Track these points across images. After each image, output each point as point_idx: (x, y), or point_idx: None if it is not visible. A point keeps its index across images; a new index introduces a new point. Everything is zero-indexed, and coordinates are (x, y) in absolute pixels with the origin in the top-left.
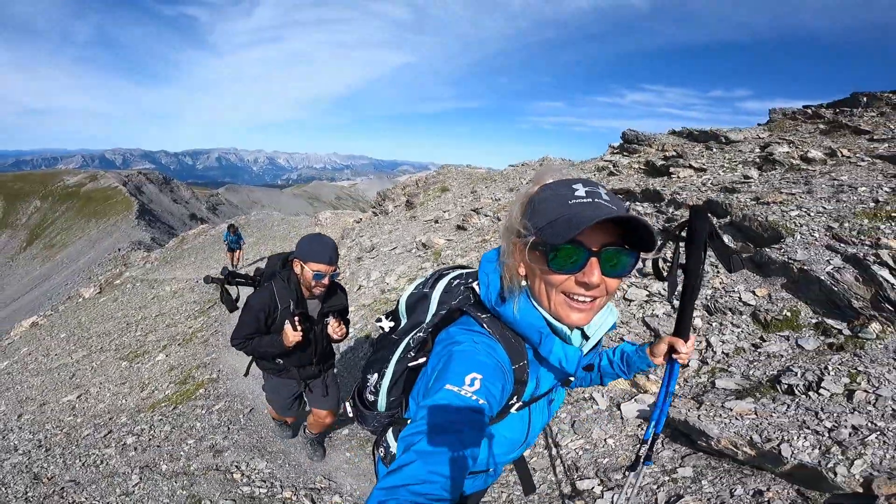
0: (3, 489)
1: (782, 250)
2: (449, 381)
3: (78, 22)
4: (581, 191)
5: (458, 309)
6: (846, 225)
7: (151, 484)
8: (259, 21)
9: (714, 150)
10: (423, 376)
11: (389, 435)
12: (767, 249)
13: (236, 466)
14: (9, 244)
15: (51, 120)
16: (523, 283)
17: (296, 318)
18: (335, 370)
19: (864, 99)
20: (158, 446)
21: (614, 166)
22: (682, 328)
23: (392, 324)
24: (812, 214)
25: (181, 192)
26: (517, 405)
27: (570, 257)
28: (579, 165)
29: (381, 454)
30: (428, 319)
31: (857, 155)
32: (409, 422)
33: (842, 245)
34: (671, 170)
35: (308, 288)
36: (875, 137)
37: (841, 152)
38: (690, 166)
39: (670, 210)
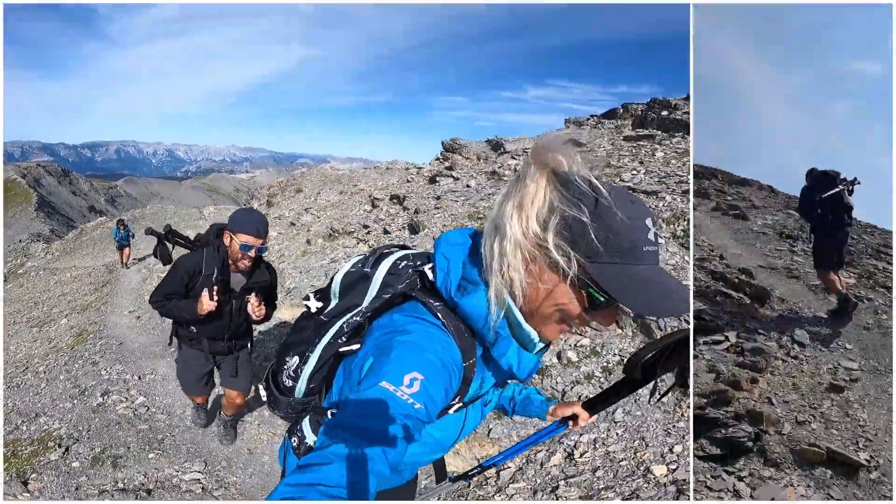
0: None
1: None
2: (385, 377)
3: None
4: (651, 232)
5: (403, 293)
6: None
7: (53, 386)
8: (161, 14)
9: (482, 159)
10: (348, 362)
11: (306, 424)
12: None
13: (104, 369)
14: None
15: None
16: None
17: (214, 288)
18: (250, 350)
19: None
20: (60, 368)
21: (418, 172)
22: (598, 408)
23: (320, 304)
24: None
25: (80, 184)
26: (457, 405)
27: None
28: (412, 169)
29: (295, 444)
30: (367, 303)
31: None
32: (329, 412)
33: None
34: (437, 179)
35: (235, 260)
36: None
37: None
38: (451, 175)
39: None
